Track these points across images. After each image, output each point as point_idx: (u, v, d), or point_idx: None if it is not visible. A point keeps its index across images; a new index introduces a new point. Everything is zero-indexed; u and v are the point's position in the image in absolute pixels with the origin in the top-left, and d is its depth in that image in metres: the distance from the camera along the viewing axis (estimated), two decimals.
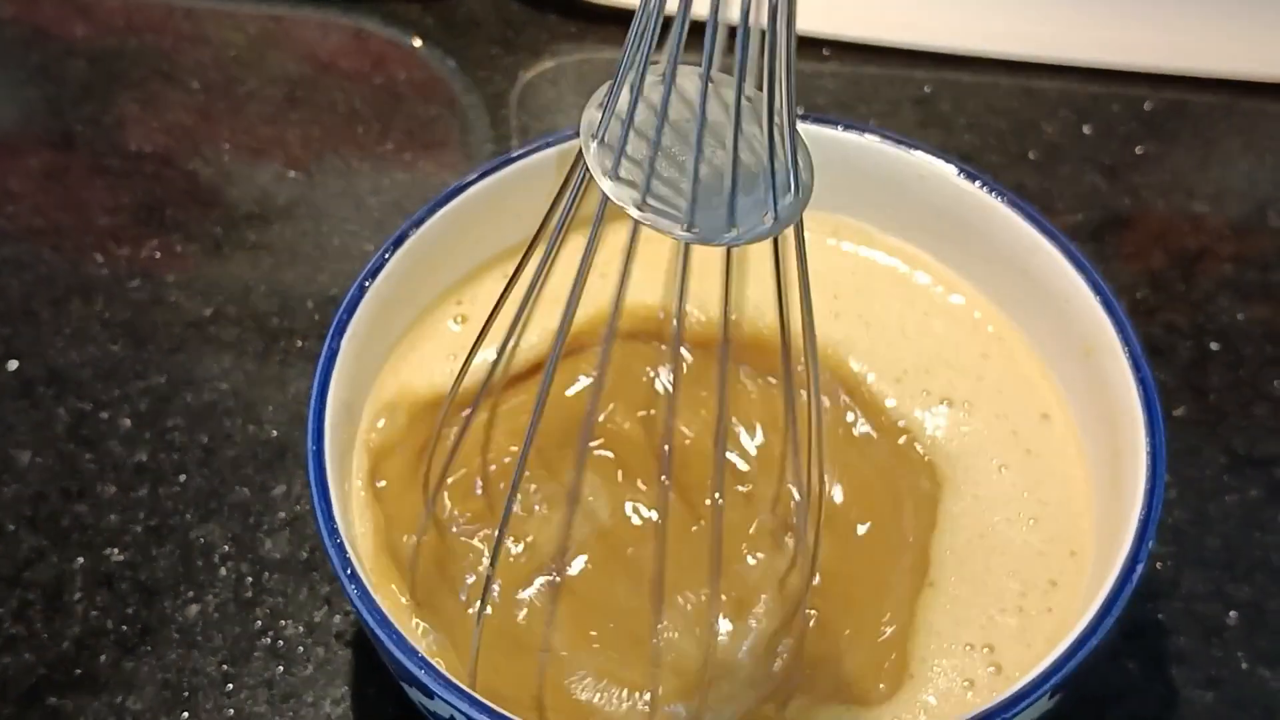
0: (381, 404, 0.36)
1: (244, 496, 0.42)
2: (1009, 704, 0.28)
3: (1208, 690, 0.38)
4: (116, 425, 0.44)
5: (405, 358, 0.37)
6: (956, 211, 0.38)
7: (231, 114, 0.54)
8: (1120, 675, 0.38)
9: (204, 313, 0.47)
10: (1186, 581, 0.40)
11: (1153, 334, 0.46)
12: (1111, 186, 0.52)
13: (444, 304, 0.39)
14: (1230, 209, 0.51)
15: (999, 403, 0.37)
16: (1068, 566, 0.34)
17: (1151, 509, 0.31)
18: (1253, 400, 0.45)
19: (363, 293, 0.35)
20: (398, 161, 0.52)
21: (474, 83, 0.56)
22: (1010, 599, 0.33)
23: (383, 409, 0.36)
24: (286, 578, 0.40)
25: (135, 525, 0.41)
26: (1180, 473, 0.42)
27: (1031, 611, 0.33)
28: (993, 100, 0.55)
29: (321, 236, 0.50)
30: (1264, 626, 0.39)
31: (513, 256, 0.40)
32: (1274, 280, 0.48)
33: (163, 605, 0.40)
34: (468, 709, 0.28)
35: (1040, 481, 0.35)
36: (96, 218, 0.50)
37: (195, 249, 0.49)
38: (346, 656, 0.39)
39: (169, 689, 0.38)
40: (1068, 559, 0.34)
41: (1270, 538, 0.41)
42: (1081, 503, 0.35)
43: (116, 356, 0.46)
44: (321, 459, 0.32)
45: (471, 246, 0.39)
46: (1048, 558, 0.34)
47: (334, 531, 0.30)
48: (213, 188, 0.51)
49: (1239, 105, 0.55)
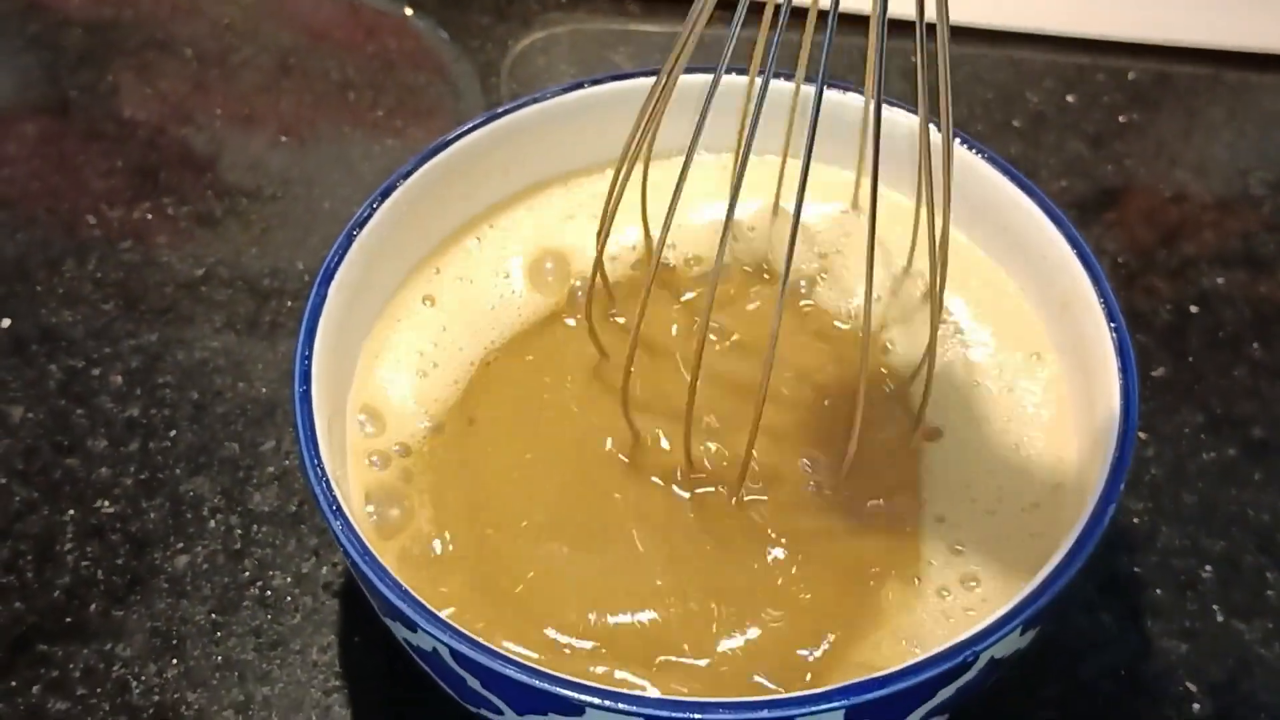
0: (372, 357, 0.37)
1: (233, 452, 0.43)
2: (979, 638, 0.28)
3: (1182, 641, 0.38)
4: (108, 382, 0.44)
5: (396, 311, 0.38)
6: None
7: (225, 82, 0.55)
8: (1096, 627, 0.39)
9: (195, 274, 0.47)
10: (1163, 536, 0.41)
11: (1134, 298, 0.47)
12: (1095, 155, 0.52)
13: (432, 258, 0.39)
14: (1212, 177, 0.51)
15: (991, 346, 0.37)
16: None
17: (1124, 452, 0.31)
18: (1231, 362, 0.45)
19: (350, 241, 0.36)
20: (389, 128, 0.53)
21: (465, 51, 0.56)
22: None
23: (373, 362, 0.37)
24: (275, 530, 0.41)
25: (126, 479, 0.42)
26: (1158, 431, 0.43)
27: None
28: (979, 70, 0.55)
29: (313, 200, 0.50)
30: (1238, 580, 0.40)
31: (499, 211, 0.40)
32: (1254, 247, 0.49)
33: (152, 556, 0.40)
34: (449, 640, 0.28)
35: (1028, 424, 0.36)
36: (90, 182, 0.51)
37: (187, 212, 0.50)
38: (334, 606, 0.39)
39: (158, 637, 0.38)
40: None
41: (1246, 494, 0.42)
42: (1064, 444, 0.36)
43: (109, 315, 0.46)
44: (309, 398, 0.32)
45: (459, 200, 0.39)
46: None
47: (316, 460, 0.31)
48: (206, 153, 0.52)
49: (1223, 76, 0.55)
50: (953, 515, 0.34)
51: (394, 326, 0.38)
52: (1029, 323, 0.38)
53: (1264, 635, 0.38)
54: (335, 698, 0.37)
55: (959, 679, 0.29)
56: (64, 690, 0.37)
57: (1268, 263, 0.48)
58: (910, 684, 0.28)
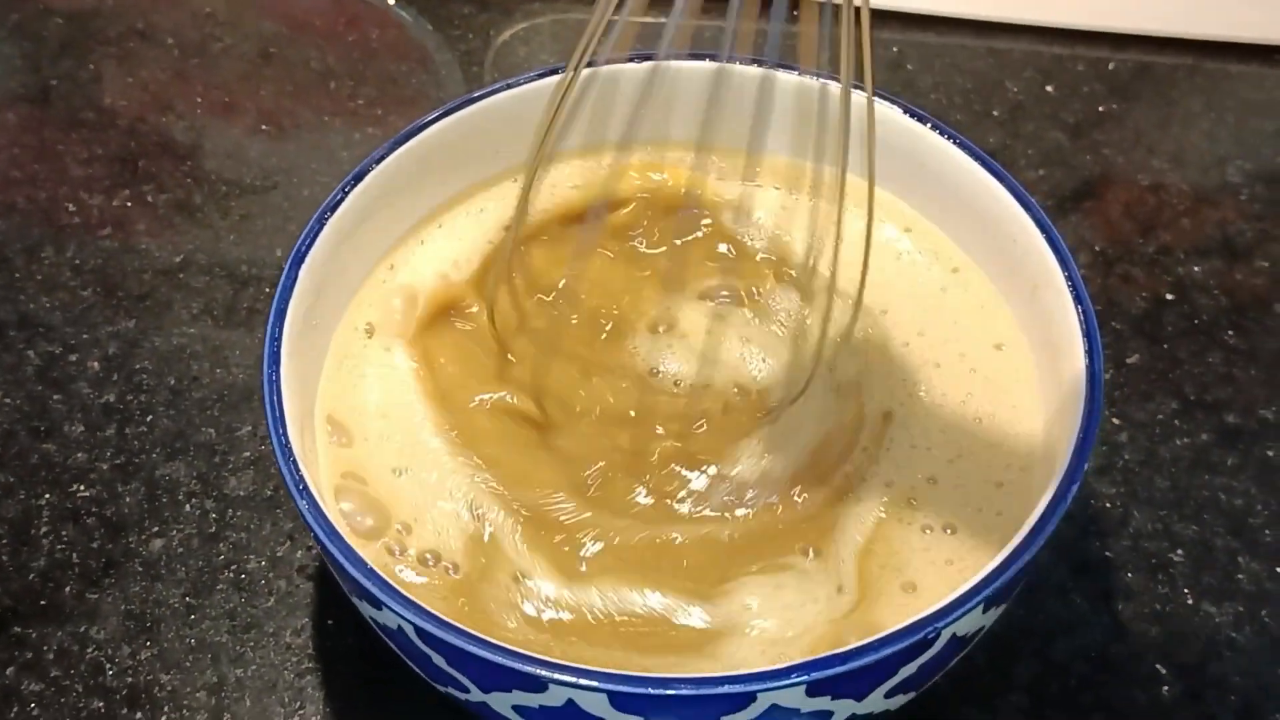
0: (344, 343, 0.37)
1: (209, 437, 0.43)
2: (939, 615, 0.28)
3: (1153, 624, 0.39)
4: (85, 367, 0.44)
5: (369, 295, 0.38)
6: (911, 153, 0.39)
7: (206, 71, 0.55)
8: (1067, 609, 0.39)
9: (174, 261, 0.48)
10: (1135, 520, 0.41)
11: (1110, 285, 0.47)
12: (1074, 144, 0.52)
13: (405, 244, 0.39)
14: (1190, 167, 0.52)
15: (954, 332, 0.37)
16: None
17: (1088, 430, 0.31)
18: (1206, 348, 0.45)
19: (322, 225, 0.36)
20: (369, 117, 0.53)
21: (446, 40, 0.56)
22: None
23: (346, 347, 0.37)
24: (250, 514, 0.41)
25: (102, 463, 0.42)
26: (1131, 416, 0.43)
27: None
28: (959, 60, 0.56)
29: (292, 188, 0.50)
30: (1210, 564, 0.40)
31: (472, 196, 0.40)
32: (1230, 235, 0.49)
33: (127, 540, 0.40)
34: (413, 617, 0.28)
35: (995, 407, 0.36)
36: (70, 169, 0.51)
37: (166, 200, 0.50)
38: (308, 589, 0.39)
39: (132, 619, 0.39)
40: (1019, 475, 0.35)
41: (1218, 479, 0.42)
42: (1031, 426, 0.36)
43: (87, 302, 0.46)
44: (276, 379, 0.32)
45: (434, 185, 0.39)
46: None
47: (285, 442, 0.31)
48: (186, 142, 0.52)
49: (1202, 66, 0.55)
50: (920, 496, 0.34)
51: (366, 311, 0.38)
52: (996, 308, 0.38)
53: (1235, 619, 0.39)
54: (308, 679, 0.37)
55: (920, 656, 0.29)
56: (38, 672, 0.37)
57: (1244, 251, 0.48)
58: (871, 660, 0.28)
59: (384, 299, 0.38)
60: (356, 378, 0.36)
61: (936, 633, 0.29)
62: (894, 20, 0.56)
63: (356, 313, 0.38)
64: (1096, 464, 0.42)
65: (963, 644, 0.31)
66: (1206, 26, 0.56)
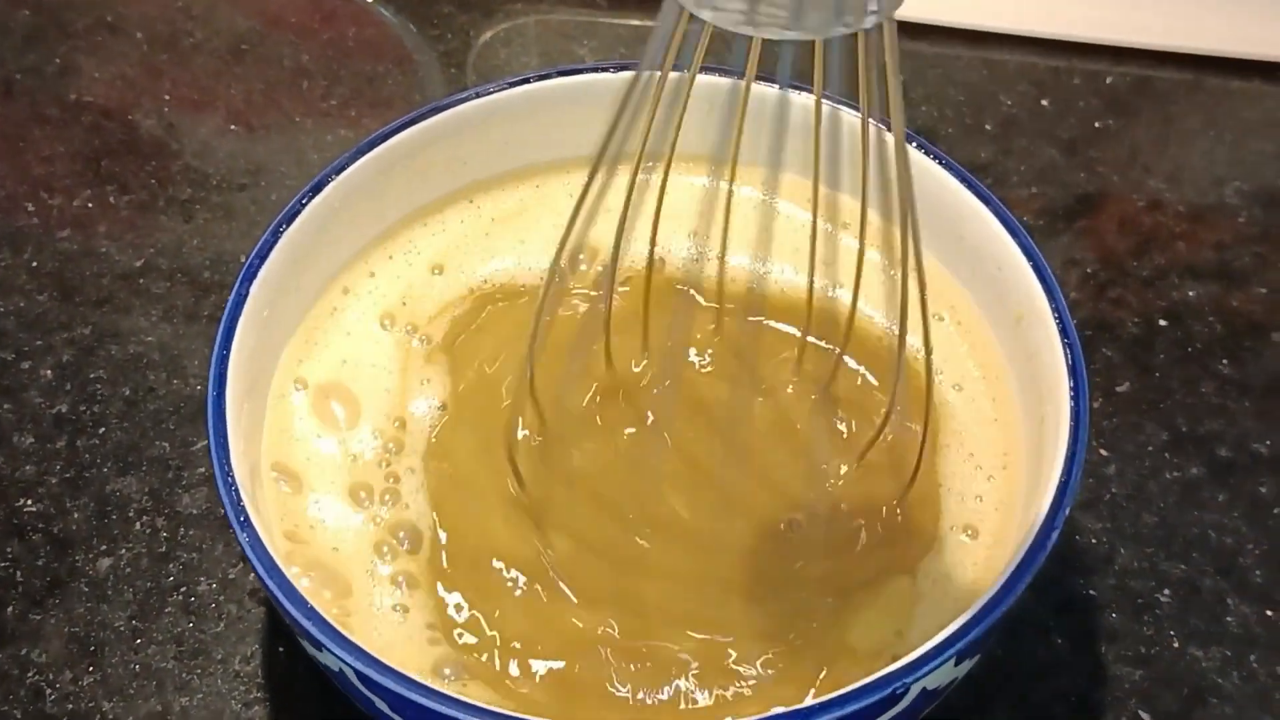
0: (297, 360, 0.35)
1: (164, 451, 0.41)
2: (908, 670, 0.27)
3: (1136, 668, 0.37)
4: (38, 375, 0.43)
5: (326, 310, 0.37)
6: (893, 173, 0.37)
7: (176, 67, 0.53)
8: (1048, 650, 0.37)
9: (134, 265, 0.46)
10: (1121, 558, 0.39)
11: (1101, 310, 0.46)
12: (1068, 161, 0.51)
13: (367, 256, 0.38)
14: (1187, 187, 0.50)
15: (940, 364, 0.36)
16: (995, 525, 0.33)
17: (1070, 476, 0.30)
18: (1199, 378, 0.44)
19: (276, 238, 0.34)
20: (343, 118, 0.52)
21: (426, 40, 0.55)
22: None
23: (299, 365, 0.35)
24: (203, 533, 0.39)
25: (51, 477, 0.40)
26: (1120, 448, 0.42)
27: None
28: (952, 72, 0.54)
29: (259, 191, 0.49)
30: (1197, 605, 0.38)
31: (438, 209, 0.39)
32: (1227, 259, 0.47)
33: (74, 558, 0.39)
34: (353, 661, 0.27)
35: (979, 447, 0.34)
36: (31, 167, 0.49)
37: (129, 201, 0.48)
38: (259, 614, 0.38)
39: (75, 642, 0.37)
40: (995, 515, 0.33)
41: (1208, 516, 0.40)
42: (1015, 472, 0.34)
43: (42, 306, 0.45)
44: (222, 405, 0.31)
45: (396, 197, 0.38)
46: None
47: (227, 472, 0.30)
48: (151, 140, 0.50)
49: (1202, 82, 0.54)
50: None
51: (321, 325, 0.36)
52: (983, 338, 0.36)
53: (1221, 663, 0.37)
54: (256, 710, 0.36)
55: (889, 710, 0.28)
56: None
57: (1240, 276, 0.47)
58: (836, 715, 0.27)
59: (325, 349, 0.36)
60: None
61: (905, 688, 0.27)
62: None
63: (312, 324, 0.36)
64: (1083, 497, 0.40)
65: (934, 696, 0.29)
66: (1208, 41, 0.54)
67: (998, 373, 0.35)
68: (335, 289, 0.37)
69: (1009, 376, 0.36)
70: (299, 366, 0.35)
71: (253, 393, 0.33)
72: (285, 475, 0.33)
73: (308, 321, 0.36)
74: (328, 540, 0.33)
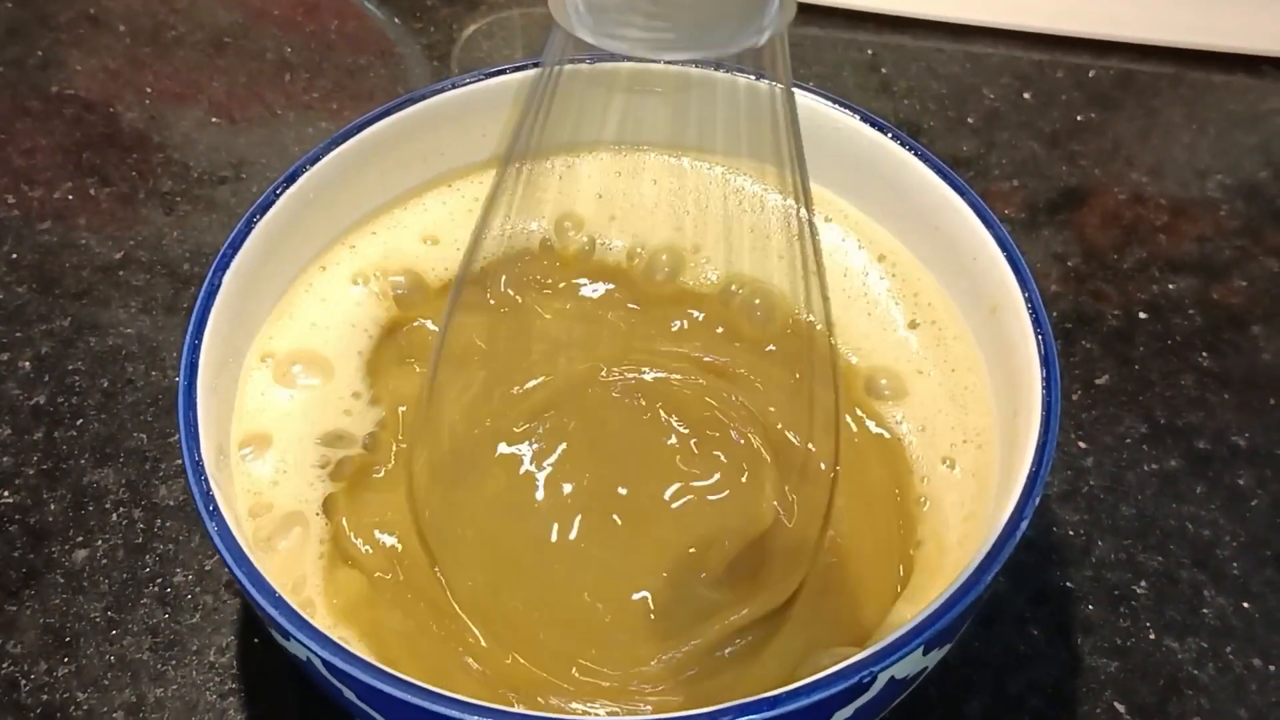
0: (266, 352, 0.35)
1: (141, 443, 0.41)
2: (875, 658, 0.27)
3: (1112, 659, 0.37)
4: (16, 367, 0.43)
5: (297, 302, 0.36)
6: (870, 164, 0.37)
7: (158, 59, 0.53)
8: (1024, 641, 0.37)
9: (114, 257, 0.46)
10: (1098, 549, 0.39)
11: (1082, 302, 0.46)
12: (1050, 154, 0.51)
13: (337, 247, 0.38)
14: (1169, 180, 0.50)
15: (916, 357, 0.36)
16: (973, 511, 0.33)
17: (1040, 466, 0.30)
18: (1179, 370, 0.44)
19: (250, 228, 0.34)
20: (325, 111, 0.51)
21: (410, 33, 0.55)
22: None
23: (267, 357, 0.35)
24: (180, 525, 0.39)
25: (28, 468, 0.40)
26: (1099, 440, 0.42)
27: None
28: (935, 65, 0.54)
29: (240, 185, 0.49)
30: (1174, 597, 0.38)
31: (413, 197, 0.39)
32: (1207, 252, 0.47)
33: (50, 549, 0.39)
34: (321, 650, 0.27)
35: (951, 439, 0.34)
36: (12, 159, 0.49)
37: (110, 193, 0.48)
38: (235, 606, 0.38)
39: (50, 634, 0.37)
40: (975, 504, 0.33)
41: (1186, 508, 0.40)
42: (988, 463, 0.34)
43: (21, 298, 0.45)
44: (193, 393, 0.31)
45: (371, 187, 0.38)
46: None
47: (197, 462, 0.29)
48: (133, 132, 0.50)
49: (1185, 76, 0.54)
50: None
51: (292, 317, 0.36)
52: (958, 330, 0.36)
53: (1197, 655, 0.37)
54: (231, 701, 0.36)
55: (857, 700, 0.28)
56: None
57: (1221, 269, 0.47)
58: (802, 704, 0.26)
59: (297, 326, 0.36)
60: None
61: (873, 676, 0.27)
62: (869, 22, 0.55)
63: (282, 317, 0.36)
64: (1061, 490, 0.40)
65: (904, 685, 0.29)
66: (1190, 34, 0.54)
67: (970, 364, 0.35)
68: (314, 268, 0.37)
69: (982, 368, 0.35)
70: (269, 343, 0.35)
71: (222, 379, 0.33)
72: (255, 444, 0.33)
73: (280, 305, 0.36)
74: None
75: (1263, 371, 0.44)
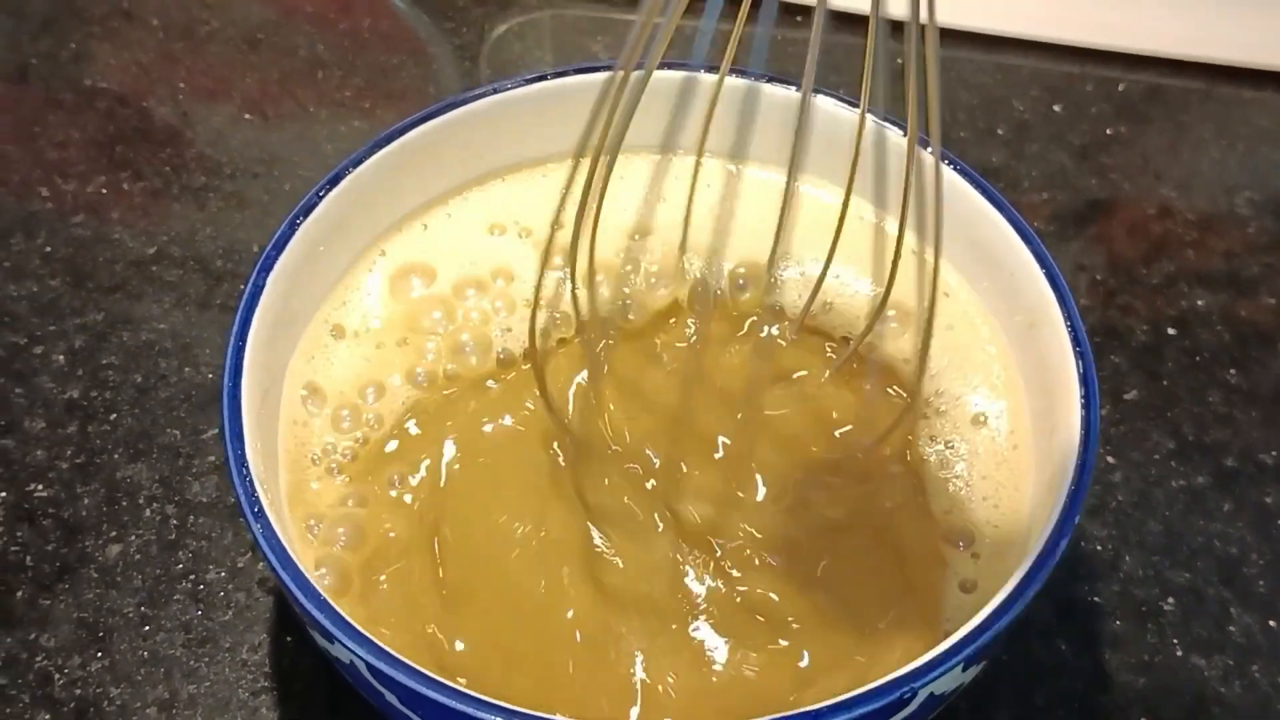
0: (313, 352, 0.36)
1: (174, 438, 0.41)
2: (916, 674, 0.27)
3: (1139, 675, 0.37)
4: (50, 361, 0.43)
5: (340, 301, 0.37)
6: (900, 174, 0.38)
7: (191, 54, 0.53)
8: (1051, 654, 0.38)
9: (147, 252, 0.46)
10: (1125, 565, 0.39)
11: (1110, 316, 0.46)
12: (1079, 167, 0.51)
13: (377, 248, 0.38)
14: (1197, 195, 0.50)
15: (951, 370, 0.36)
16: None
17: (1079, 486, 0.30)
18: (1206, 386, 0.44)
19: (293, 230, 0.34)
20: (357, 109, 0.52)
21: (441, 33, 0.55)
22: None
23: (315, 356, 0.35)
24: (212, 521, 0.39)
25: (62, 462, 0.41)
26: (1127, 456, 0.42)
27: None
28: (965, 75, 0.54)
29: (273, 181, 0.49)
30: (1201, 614, 0.39)
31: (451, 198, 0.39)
32: (1236, 268, 0.48)
33: (84, 544, 0.39)
34: (366, 655, 0.27)
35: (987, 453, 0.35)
36: (45, 152, 0.49)
37: (143, 187, 0.48)
38: (268, 604, 0.38)
39: (84, 628, 0.37)
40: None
41: (1214, 525, 0.40)
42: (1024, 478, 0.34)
43: (55, 291, 0.45)
44: (237, 395, 0.31)
45: (413, 189, 0.38)
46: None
47: (242, 463, 0.30)
48: (166, 127, 0.50)
49: (1215, 91, 0.54)
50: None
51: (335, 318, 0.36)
52: (995, 343, 0.36)
53: (1224, 672, 0.37)
54: (263, 699, 0.36)
55: (897, 714, 0.28)
56: None
57: (1250, 285, 0.47)
58: (845, 718, 0.27)
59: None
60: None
61: (913, 692, 0.27)
62: (899, 31, 0.55)
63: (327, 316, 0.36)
64: (1089, 504, 0.41)
65: (940, 701, 0.29)
66: (1221, 50, 0.54)
67: (1008, 379, 0.36)
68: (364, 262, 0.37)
69: (1019, 383, 0.36)
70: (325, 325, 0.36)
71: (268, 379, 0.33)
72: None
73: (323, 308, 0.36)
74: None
75: None
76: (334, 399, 0.35)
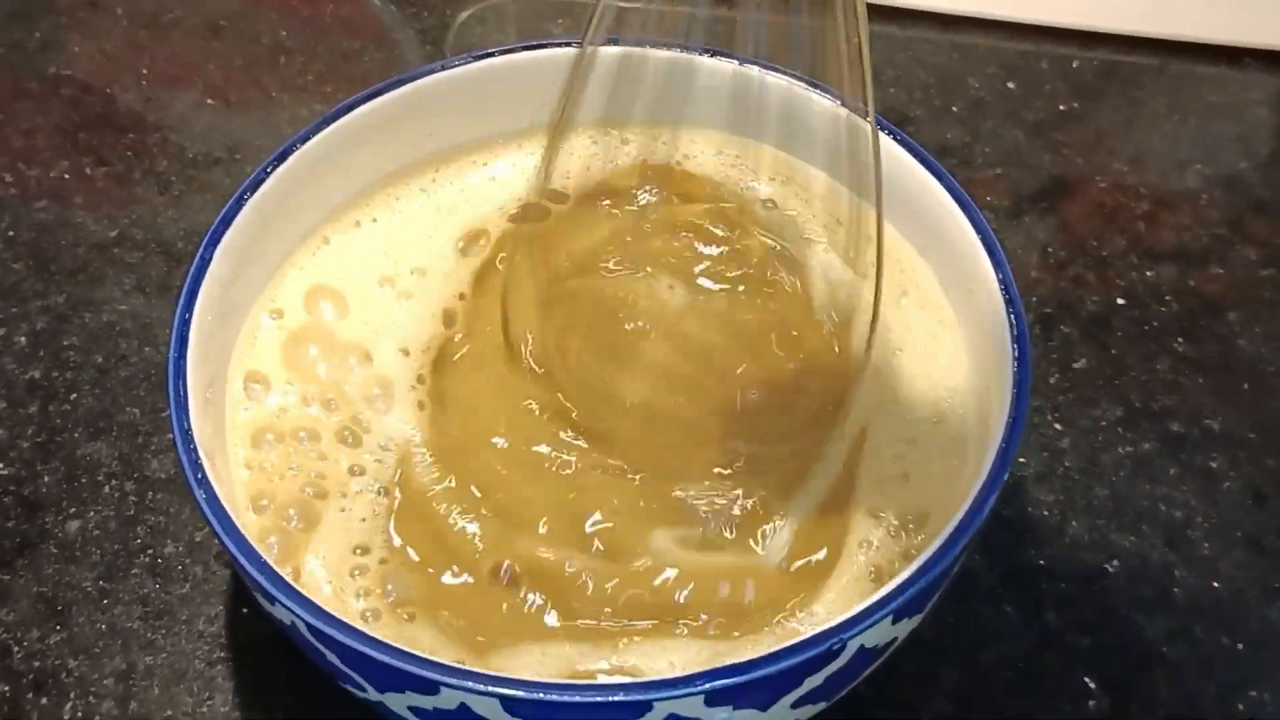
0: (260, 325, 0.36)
1: (134, 417, 0.42)
2: (844, 626, 0.28)
3: (1084, 635, 0.38)
4: (11, 342, 0.43)
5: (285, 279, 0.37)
6: (853, 147, 0.38)
7: (155, 42, 0.54)
8: (998, 617, 0.38)
9: (109, 235, 0.47)
10: (1072, 529, 0.40)
11: (1061, 289, 0.46)
12: (1032, 143, 0.51)
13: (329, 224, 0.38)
14: (1149, 169, 0.51)
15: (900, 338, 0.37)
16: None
17: (1010, 441, 0.30)
18: (1155, 355, 0.44)
19: (240, 205, 0.35)
20: (319, 94, 0.52)
21: (404, 18, 0.55)
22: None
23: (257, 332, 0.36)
24: (170, 497, 0.40)
25: (23, 441, 0.41)
26: (1075, 423, 0.42)
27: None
28: (921, 54, 0.55)
29: (234, 165, 0.49)
30: (1145, 576, 0.39)
31: (404, 178, 0.40)
32: (1186, 240, 0.48)
33: (43, 520, 0.39)
34: (304, 614, 0.28)
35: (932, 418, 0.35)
36: (10, 139, 0.50)
37: (106, 173, 0.49)
38: (224, 576, 0.38)
39: (43, 602, 0.38)
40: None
41: (1159, 489, 0.41)
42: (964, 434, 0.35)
43: (18, 275, 0.45)
44: (183, 364, 0.31)
45: (361, 166, 0.38)
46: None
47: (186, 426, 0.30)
48: (129, 114, 0.51)
49: (1169, 67, 0.54)
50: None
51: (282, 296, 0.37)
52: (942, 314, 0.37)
53: (1167, 633, 0.38)
54: (219, 669, 0.37)
55: (827, 667, 0.28)
56: None
57: (1199, 257, 0.48)
58: (772, 670, 0.27)
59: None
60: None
61: (842, 644, 0.28)
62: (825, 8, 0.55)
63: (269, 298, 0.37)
64: (1037, 470, 0.41)
65: (874, 655, 0.30)
66: (1175, 27, 0.55)
67: (952, 346, 0.36)
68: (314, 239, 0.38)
69: (962, 347, 0.36)
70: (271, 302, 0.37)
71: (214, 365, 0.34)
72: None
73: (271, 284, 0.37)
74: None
75: (1237, 357, 0.44)
76: (282, 376, 0.35)
